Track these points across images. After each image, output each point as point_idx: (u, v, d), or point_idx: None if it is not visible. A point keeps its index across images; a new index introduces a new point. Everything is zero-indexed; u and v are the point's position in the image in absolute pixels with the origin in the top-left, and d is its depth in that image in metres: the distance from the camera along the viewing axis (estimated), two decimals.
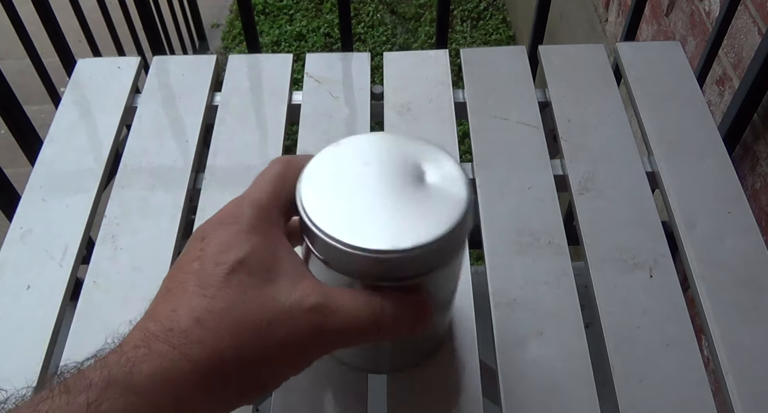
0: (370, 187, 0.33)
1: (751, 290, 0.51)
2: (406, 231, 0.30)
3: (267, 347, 0.29)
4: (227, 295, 0.29)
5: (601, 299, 0.51)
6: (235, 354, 0.28)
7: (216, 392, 0.28)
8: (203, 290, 0.29)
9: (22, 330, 0.50)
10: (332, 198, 0.33)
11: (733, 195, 0.57)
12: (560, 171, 0.61)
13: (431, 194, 0.32)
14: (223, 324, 0.28)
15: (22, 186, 0.61)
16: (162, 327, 0.28)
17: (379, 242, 0.30)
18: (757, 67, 0.73)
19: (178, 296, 0.29)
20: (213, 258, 0.30)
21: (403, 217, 0.31)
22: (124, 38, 1.58)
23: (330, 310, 0.30)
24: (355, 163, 0.34)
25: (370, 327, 0.31)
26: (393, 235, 0.30)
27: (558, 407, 0.46)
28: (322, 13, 2.62)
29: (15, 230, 0.56)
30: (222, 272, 0.29)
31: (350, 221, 0.31)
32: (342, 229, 0.31)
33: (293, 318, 0.29)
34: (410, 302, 0.33)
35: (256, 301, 0.29)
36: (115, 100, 0.67)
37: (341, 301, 0.31)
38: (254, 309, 0.29)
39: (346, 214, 0.32)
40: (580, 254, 0.55)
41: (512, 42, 2.49)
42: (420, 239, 0.30)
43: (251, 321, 0.29)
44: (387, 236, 0.30)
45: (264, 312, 0.29)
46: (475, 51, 0.71)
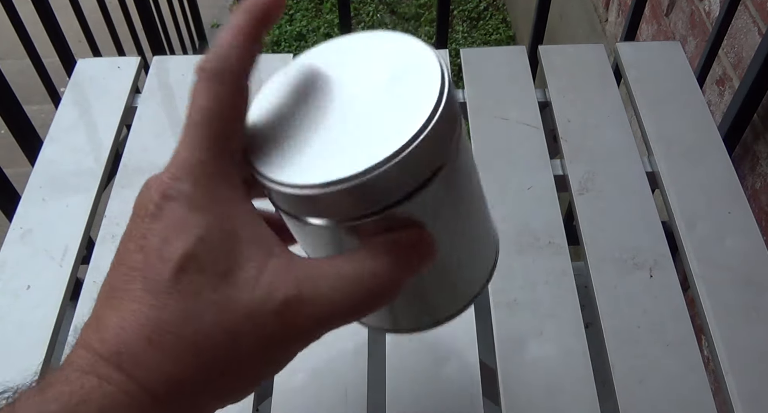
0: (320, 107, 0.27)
1: (751, 290, 0.51)
2: (370, 147, 0.24)
3: (234, 359, 0.24)
4: (178, 304, 0.24)
5: (601, 299, 0.51)
6: (197, 374, 0.24)
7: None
8: (150, 297, 0.24)
9: (22, 330, 0.50)
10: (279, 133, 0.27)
11: (733, 195, 0.57)
12: (560, 171, 0.61)
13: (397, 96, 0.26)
14: (178, 343, 0.24)
15: (22, 186, 0.61)
16: (109, 348, 0.23)
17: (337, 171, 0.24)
18: (757, 67, 0.73)
19: (124, 304, 0.24)
20: (157, 251, 0.24)
21: (365, 133, 0.25)
22: (124, 38, 1.58)
23: (304, 302, 0.25)
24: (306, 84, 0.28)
25: (362, 305, 0.26)
26: (354, 157, 0.24)
27: (558, 407, 0.46)
28: (322, 13, 2.62)
29: (15, 230, 0.56)
30: (169, 271, 0.24)
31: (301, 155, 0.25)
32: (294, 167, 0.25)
33: (260, 322, 0.24)
34: (402, 244, 0.26)
35: (213, 309, 0.24)
36: (115, 100, 0.67)
37: (318, 284, 0.25)
38: (212, 321, 0.24)
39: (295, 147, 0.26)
40: (580, 254, 0.55)
41: (512, 42, 2.49)
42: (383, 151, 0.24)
43: (210, 335, 0.24)
44: (347, 160, 0.24)
45: (225, 323, 0.24)
46: (475, 51, 0.71)
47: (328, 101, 0.27)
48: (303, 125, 0.27)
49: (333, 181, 0.24)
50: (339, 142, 0.25)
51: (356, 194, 0.24)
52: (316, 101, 0.27)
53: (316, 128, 0.26)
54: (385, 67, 0.27)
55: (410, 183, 0.25)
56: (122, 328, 0.24)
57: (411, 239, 0.26)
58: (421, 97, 0.25)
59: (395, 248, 0.26)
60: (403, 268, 0.26)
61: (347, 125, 0.26)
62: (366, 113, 0.26)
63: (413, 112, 0.24)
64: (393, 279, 0.26)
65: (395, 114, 0.25)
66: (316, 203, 0.25)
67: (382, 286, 0.26)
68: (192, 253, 0.24)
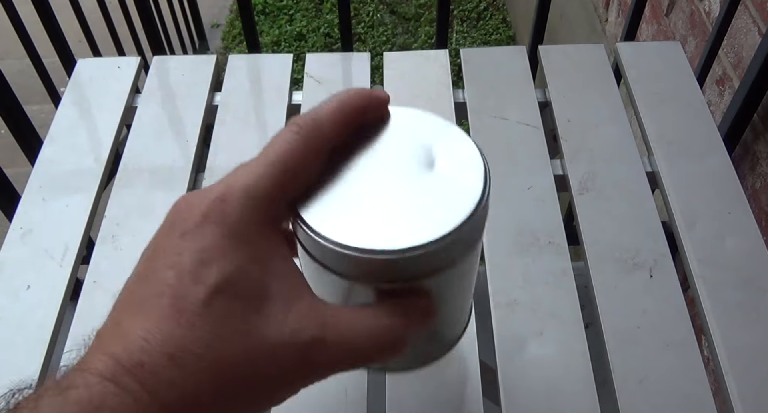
0: (370, 176, 0.29)
1: (751, 290, 0.51)
2: (410, 227, 0.26)
3: (249, 387, 0.25)
4: (206, 327, 0.24)
5: (601, 299, 0.51)
6: (213, 397, 0.24)
7: None
8: (179, 315, 0.24)
9: (22, 330, 0.50)
10: (327, 189, 0.28)
11: (733, 195, 0.57)
12: (560, 171, 0.61)
13: (441, 182, 0.28)
14: (200, 364, 0.24)
15: (22, 186, 0.61)
16: (131, 358, 0.24)
17: (377, 241, 0.26)
18: (757, 67, 0.73)
19: (151, 317, 0.25)
20: (192, 272, 0.25)
21: (407, 211, 0.27)
22: (124, 38, 1.58)
23: (327, 345, 0.26)
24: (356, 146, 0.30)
25: (374, 354, 0.28)
26: (394, 232, 0.26)
27: (558, 407, 0.46)
28: (322, 13, 2.62)
29: (15, 230, 0.56)
30: (202, 294, 0.24)
31: (346, 216, 0.27)
32: (337, 225, 0.27)
33: (282, 356, 0.25)
34: (415, 309, 0.29)
35: (239, 338, 0.25)
36: (115, 100, 0.67)
37: (340, 330, 0.27)
38: (237, 348, 0.25)
39: (343, 208, 0.28)
40: (580, 254, 0.55)
41: (512, 42, 2.49)
42: (424, 236, 0.26)
43: (233, 363, 0.25)
44: (387, 233, 0.26)
45: (249, 352, 0.25)
46: (475, 51, 0.71)
47: (377, 169, 0.29)
48: (353, 186, 0.28)
49: (379, 250, 0.26)
50: (388, 213, 0.27)
51: (394, 266, 0.27)
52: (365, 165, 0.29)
53: (366, 192, 0.28)
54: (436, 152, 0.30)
55: (439, 264, 0.28)
56: (147, 341, 0.24)
57: (420, 304, 0.29)
58: (466, 192, 0.28)
59: (409, 311, 0.28)
60: (410, 328, 0.28)
61: (397, 198, 0.28)
62: (417, 192, 0.28)
63: (458, 204, 0.27)
64: (403, 336, 0.28)
65: (445, 197, 0.28)
66: (355, 265, 0.27)
67: (394, 340, 0.28)
68: (228, 280, 0.25)
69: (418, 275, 0.28)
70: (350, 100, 0.29)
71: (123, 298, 0.26)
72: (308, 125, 0.27)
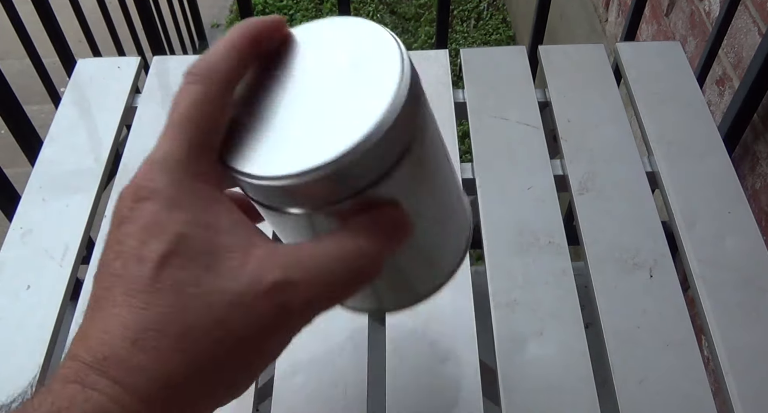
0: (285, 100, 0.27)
1: (751, 290, 0.51)
2: (336, 138, 0.24)
3: (226, 351, 0.24)
4: (161, 301, 0.23)
5: (601, 299, 0.51)
6: (186, 371, 0.23)
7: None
8: (131, 298, 0.23)
9: (22, 330, 0.50)
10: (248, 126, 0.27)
11: (733, 195, 0.57)
12: (560, 171, 0.61)
13: (362, 84, 0.26)
14: (164, 341, 0.23)
15: (22, 186, 0.61)
16: (94, 355, 0.23)
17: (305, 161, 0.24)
18: (757, 67, 0.73)
19: (106, 311, 0.24)
20: (134, 254, 0.24)
21: (329, 124, 0.25)
22: (124, 38, 1.58)
23: (291, 284, 0.24)
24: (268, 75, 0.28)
25: (349, 283, 0.26)
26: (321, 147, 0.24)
27: (558, 407, 0.46)
28: (322, 13, 2.62)
29: (15, 230, 0.56)
30: (148, 272, 0.23)
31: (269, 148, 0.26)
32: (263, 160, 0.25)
33: (250, 307, 0.24)
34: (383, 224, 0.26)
35: (198, 303, 0.23)
36: (115, 100, 0.67)
37: (305, 266, 0.25)
38: (198, 312, 0.23)
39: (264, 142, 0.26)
40: (580, 254, 0.55)
41: (512, 42, 2.49)
42: (348, 142, 0.24)
43: (198, 328, 0.23)
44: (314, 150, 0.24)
45: (212, 314, 0.23)
46: (475, 51, 0.71)
47: (292, 91, 0.27)
48: (269, 116, 0.27)
49: (307, 170, 0.24)
50: (307, 131, 0.25)
51: (330, 180, 0.24)
52: (280, 91, 0.27)
53: (283, 118, 0.26)
54: (347, 54, 0.27)
55: (381, 165, 0.25)
56: (106, 332, 0.23)
57: (387, 217, 0.26)
58: (383, 81, 0.25)
59: (374, 226, 0.26)
60: (382, 244, 0.26)
61: (314, 113, 0.26)
62: (332, 99, 0.26)
63: (377, 96, 0.25)
64: (374, 255, 0.26)
65: (361, 99, 0.25)
66: (292, 193, 0.25)
67: (365, 263, 0.26)
68: (172, 250, 0.24)
69: (367, 184, 0.26)
70: (240, 32, 0.27)
71: (88, 303, 0.25)
72: (202, 70, 0.26)
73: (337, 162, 0.24)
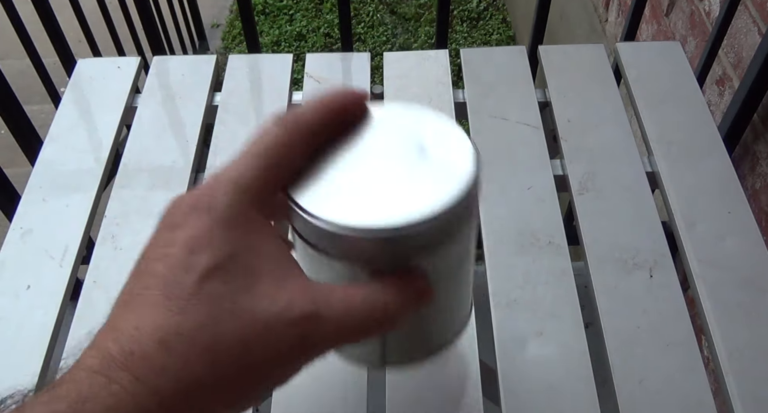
0: (363, 163, 0.29)
1: (751, 290, 0.51)
2: (402, 208, 0.27)
3: (246, 368, 0.25)
4: (197, 311, 0.24)
5: (601, 299, 0.51)
6: (208, 381, 0.24)
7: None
8: (169, 302, 0.24)
9: (22, 330, 0.50)
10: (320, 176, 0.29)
11: (733, 195, 0.57)
12: (560, 171, 0.61)
13: (433, 166, 0.29)
14: (192, 348, 0.24)
15: (22, 186, 0.61)
16: (122, 348, 0.24)
17: (370, 220, 0.26)
18: (757, 67, 0.73)
19: (141, 308, 0.25)
20: (182, 261, 0.25)
21: (399, 193, 0.28)
22: (124, 38, 1.58)
23: (319, 319, 0.26)
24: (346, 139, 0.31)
25: (368, 329, 0.28)
26: (387, 212, 0.27)
27: (558, 407, 0.46)
28: (322, 13, 2.62)
29: (15, 230, 0.56)
30: (192, 281, 0.25)
31: (339, 199, 0.28)
32: (330, 207, 0.27)
33: (276, 333, 0.25)
34: (411, 289, 0.28)
35: (231, 318, 0.25)
36: (115, 100, 0.67)
37: (333, 307, 0.26)
38: (229, 328, 0.24)
39: (336, 191, 0.28)
40: (580, 254, 0.55)
41: (512, 42, 2.49)
42: (416, 215, 0.26)
43: (226, 343, 0.24)
44: (380, 213, 0.27)
45: (241, 331, 0.25)
46: (475, 51, 0.71)
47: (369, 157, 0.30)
48: (346, 174, 0.29)
49: (373, 228, 0.26)
50: (380, 196, 0.28)
51: (387, 244, 0.27)
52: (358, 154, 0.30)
53: (358, 179, 0.29)
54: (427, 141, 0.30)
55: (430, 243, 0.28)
56: (137, 329, 0.24)
57: (416, 284, 0.29)
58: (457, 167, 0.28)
59: (403, 288, 0.28)
60: (405, 306, 0.28)
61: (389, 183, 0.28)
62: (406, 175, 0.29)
63: (450, 180, 0.28)
64: (397, 312, 0.28)
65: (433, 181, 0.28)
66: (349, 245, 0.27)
67: (388, 316, 0.28)
68: (217, 265, 0.25)
69: (410, 255, 0.28)
70: (330, 96, 0.30)
71: (118, 298, 0.26)
72: (290, 116, 0.28)
73: (406, 228, 0.26)
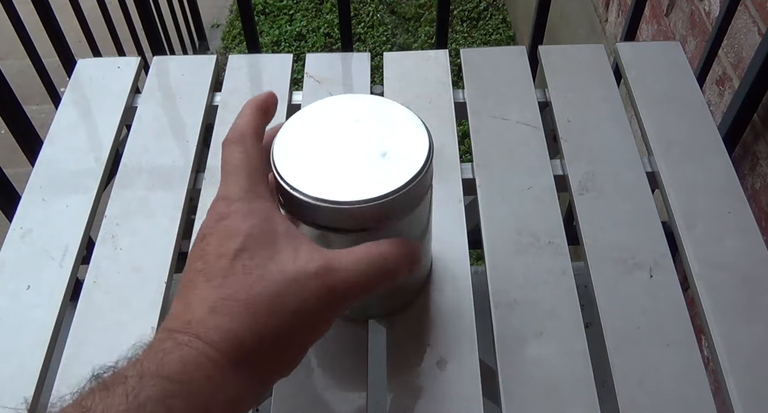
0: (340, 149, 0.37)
1: (751, 290, 0.51)
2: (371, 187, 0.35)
3: (283, 319, 0.30)
4: (234, 281, 0.31)
5: (601, 299, 0.51)
6: (254, 332, 0.30)
7: (244, 372, 0.30)
8: (210, 282, 0.31)
9: (22, 330, 0.50)
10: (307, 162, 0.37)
11: (733, 195, 0.57)
12: (560, 171, 0.61)
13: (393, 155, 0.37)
14: (235, 307, 0.30)
15: (22, 186, 0.61)
16: (180, 321, 0.30)
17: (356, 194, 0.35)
18: (757, 67, 0.73)
19: (189, 293, 0.31)
20: (215, 253, 0.32)
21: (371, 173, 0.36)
22: (124, 38, 1.58)
23: (334, 270, 0.32)
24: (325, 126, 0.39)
25: (376, 278, 0.33)
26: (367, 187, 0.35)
27: (558, 407, 0.46)
28: (322, 13, 2.62)
29: (15, 230, 0.56)
30: (225, 262, 0.31)
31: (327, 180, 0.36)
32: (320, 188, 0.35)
33: (302, 285, 0.31)
34: (401, 245, 0.35)
35: (262, 279, 0.31)
36: (115, 100, 0.67)
37: (342, 260, 0.33)
38: (263, 287, 0.30)
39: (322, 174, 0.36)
40: (580, 254, 0.55)
41: (512, 42, 2.49)
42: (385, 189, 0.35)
43: (262, 299, 0.30)
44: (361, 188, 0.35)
45: (273, 287, 0.31)
46: (475, 51, 0.71)
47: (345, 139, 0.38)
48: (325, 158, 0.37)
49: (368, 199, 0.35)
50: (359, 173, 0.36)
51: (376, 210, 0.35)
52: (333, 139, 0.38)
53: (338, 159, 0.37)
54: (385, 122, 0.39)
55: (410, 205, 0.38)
56: (188, 305, 0.31)
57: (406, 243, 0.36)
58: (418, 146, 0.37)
59: (396, 245, 0.35)
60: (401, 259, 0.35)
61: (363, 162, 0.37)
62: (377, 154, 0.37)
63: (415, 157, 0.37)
64: (396, 264, 0.35)
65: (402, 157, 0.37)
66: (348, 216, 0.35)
67: (389, 268, 0.34)
68: (243, 247, 0.32)
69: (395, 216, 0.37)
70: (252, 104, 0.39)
71: (174, 298, 0.32)
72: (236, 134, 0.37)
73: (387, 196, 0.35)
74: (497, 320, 0.50)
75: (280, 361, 0.32)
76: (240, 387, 0.30)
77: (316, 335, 0.33)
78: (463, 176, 0.59)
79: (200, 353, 0.29)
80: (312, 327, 0.32)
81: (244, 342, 0.30)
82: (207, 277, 0.31)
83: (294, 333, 0.31)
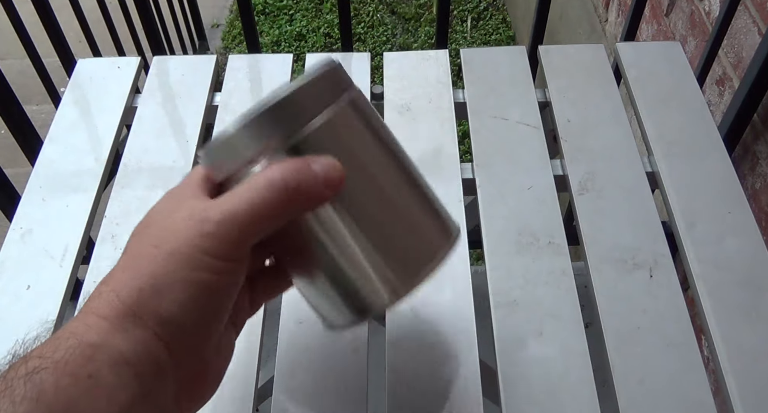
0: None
1: (751, 290, 0.51)
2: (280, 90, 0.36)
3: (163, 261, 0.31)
4: (129, 248, 0.34)
5: (601, 299, 0.51)
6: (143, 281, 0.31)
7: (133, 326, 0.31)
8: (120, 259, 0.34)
9: (22, 330, 0.49)
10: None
11: (733, 195, 0.57)
12: (560, 171, 0.61)
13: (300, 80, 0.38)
14: (125, 266, 0.33)
15: (22, 186, 0.61)
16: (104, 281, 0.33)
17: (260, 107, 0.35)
18: (757, 67, 0.73)
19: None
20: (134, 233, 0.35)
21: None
22: (124, 38, 1.58)
23: (216, 207, 0.32)
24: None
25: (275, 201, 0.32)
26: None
27: (558, 407, 0.46)
28: (322, 13, 2.62)
29: (15, 230, 0.56)
30: (131, 237, 0.34)
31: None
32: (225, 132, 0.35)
33: (177, 229, 0.32)
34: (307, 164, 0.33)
35: (148, 237, 0.33)
36: (115, 100, 0.67)
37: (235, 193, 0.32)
38: (145, 242, 0.33)
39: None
40: (580, 254, 0.55)
41: (512, 42, 2.49)
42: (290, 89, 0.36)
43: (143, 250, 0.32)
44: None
45: (152, 239, 0.32)
46: (475, 51, 0.71)
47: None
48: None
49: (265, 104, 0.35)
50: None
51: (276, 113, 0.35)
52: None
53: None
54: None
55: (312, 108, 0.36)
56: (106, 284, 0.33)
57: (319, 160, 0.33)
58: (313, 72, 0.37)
59: (298, 162, 0.33)
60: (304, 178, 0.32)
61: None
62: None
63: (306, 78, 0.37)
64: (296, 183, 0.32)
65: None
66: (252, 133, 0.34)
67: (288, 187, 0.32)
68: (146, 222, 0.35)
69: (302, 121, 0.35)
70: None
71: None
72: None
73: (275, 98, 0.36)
74: (497, 320, 0.50)
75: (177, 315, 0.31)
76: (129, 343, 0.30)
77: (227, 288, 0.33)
78: (463, 176, 0.59)
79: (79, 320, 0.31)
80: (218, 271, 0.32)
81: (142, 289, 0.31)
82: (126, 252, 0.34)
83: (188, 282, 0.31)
